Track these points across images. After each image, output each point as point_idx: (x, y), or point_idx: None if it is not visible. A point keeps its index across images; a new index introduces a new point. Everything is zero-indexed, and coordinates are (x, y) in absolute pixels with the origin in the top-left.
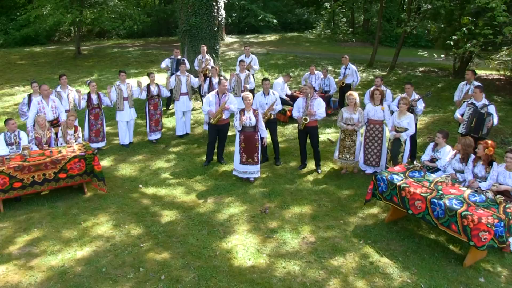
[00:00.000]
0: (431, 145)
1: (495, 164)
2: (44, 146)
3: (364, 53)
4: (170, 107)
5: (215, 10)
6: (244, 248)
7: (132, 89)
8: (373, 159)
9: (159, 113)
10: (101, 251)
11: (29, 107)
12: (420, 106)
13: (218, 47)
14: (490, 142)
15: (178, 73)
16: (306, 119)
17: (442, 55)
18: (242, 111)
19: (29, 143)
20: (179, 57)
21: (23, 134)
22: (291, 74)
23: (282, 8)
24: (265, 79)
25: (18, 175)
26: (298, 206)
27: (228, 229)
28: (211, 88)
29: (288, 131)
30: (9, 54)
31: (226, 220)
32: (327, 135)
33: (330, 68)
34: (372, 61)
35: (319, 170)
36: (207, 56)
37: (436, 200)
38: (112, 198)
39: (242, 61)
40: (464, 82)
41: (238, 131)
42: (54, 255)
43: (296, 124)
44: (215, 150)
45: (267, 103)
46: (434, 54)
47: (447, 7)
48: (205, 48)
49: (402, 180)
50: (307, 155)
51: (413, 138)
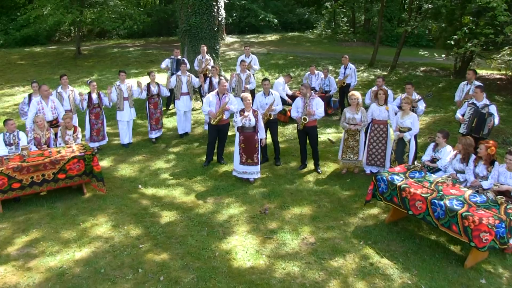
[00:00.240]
0: (432, 145)
1: (496, 163)
2: (43, 146)
3: (365, 53)
4: (170, 107)
5: (215, 10)
6: (243, 249)
7: (132, 89)
8: (377, 159)
9: (159, 112)
10: (100, 252)
11: (29, 106)
12: (421, 106)
13: (218, 47)
14: (491, 142)
15: (179, 73)
16: (305, 119)
17: (443, 55)
18: (242, 111)
19: (28, 143)
20: (179, 57)
21: (22, 135)
22: (291, 74)
23: (282, 8)
24: (265, 79)
25: (17, 176)
26: (298, 207)
27: (227, 230)
28: (211, 88)
29: (288, 131)
30: (9, 54)
31: (226, 220)
32: (328, 135)
33: (330, 68)
34: (373, 61)
35: (319, 170)
36: (207, 56)
37: (436, 201)
38: (111, 198)
39: (243, 61)
40: (464, 82)
41: (238, 131)
42: (52, 256)
43: (296, 124)
44: (215, 151)
45: (267, 104)
46: (435, 54)
47: (448, 7)
48: (205, 48)
49: (402, 180)
50: (307, 155)
51: (414, 138)
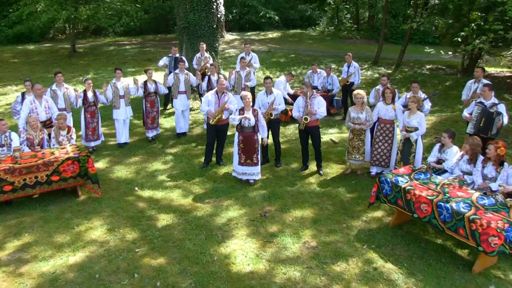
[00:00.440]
0: (438, 145)
1: (506, 164)
2: (36, 147)
3: (369, 50)
4: (168, 107)
5: (214, 7)
6: (243, 253)
7: (128, 87)
8: (382, 159)
9: (155, 110)
10: (94, 257)
11: (22, 105)
12: (427, 105)
13: (217, 44)
14: (501, 142)
15: (177, 71)
16: (306, 119)
17: (450, 52)
18: (242, 110)
19: (20, 144)
20: (177, 55)
21: (14, 135)
22: (293, 73)
23: (284, 4)
24: (267, 78)
25: (8, 178)
26: (299, 210)
27: (226, 233)
28: (209, 86)
29: (290, 131)
30: (1, 52)
31: (225, 224)
32: (330, 135)
33: (333, 66)
34: (377, 58)
35: (321, 172)
36: (206, 54)
37: (442, 203)
38: (106, 201)
39: (243, 58)
40: (472, 81)
41: (237, 131)
42: (45, 261)
43: (298, 124)
44: (214, 151)
45: (268, 103)
46: (442, 51)
47: (455, 2)
48: (204, 46)
49: (407, 182)
50: (309, 156)
51: (420, 138)
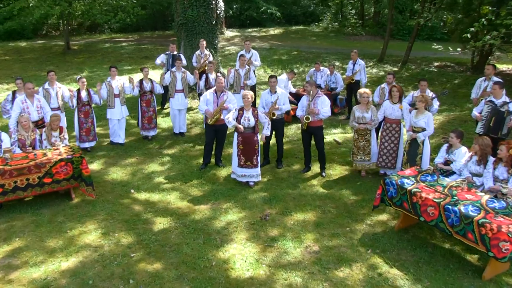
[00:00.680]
0: (445, 146)
1: None
2: (28, 148)
3: (374, 47)
4: (166, 106)
5: (214, 2)
6: (242, 258)
7: (123, 85)
8: (388, 160)
9: (152, 110)
10: (88, 262)
11: (12, 104)
12: (435, 105)
13: (216, 41)
14: None
15: (174, 69)
16: (308, 118)
17: (459, 49)
18: (241, 109)
19: (11, 145)
20: (175, 52)
21: (4, 136)
22: (295, 71)
23: (286, 0)
24: (271, 76)
25: None
26: (301, 213)
27: (225, 237)
28: (207, 85)
29: (292, 131)
30: None
31: (224, 227)
32: (334, 135)
33: (337, 63)
34: (383, 55)
35: (324, 174)
36: (206, 52)
37: (450, 206)
38: (101, 204)
39: (242, 55)
40: (482, 78)
41: (236, 131)
42: (36, 267)
43: (300, 124)
44: (213, 152)
45: (272, 102)
46: (450, 48)
47: None
48: (204, 43)
49: (413, 184)
50: (312, 157)
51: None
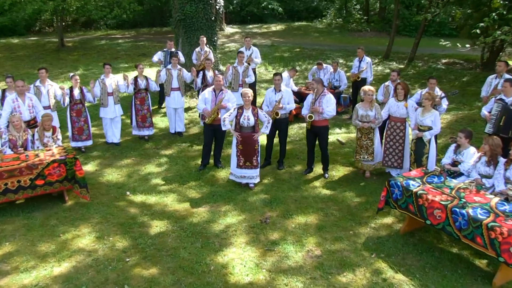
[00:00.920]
0: (453, 146)
1: None
2: (19, 149)
3: (379, 44)
4: (163, 106)
5: None
6: (241, 262)
7: (118, 83)
8: (394, 159)
9: (146, 108)
10: (81, 267)
11: (2, 104)
12: (444, 104)
13: (216, 38)
14: None
15: (169, 66)
16: (311, 117)
17: (468, 45)
18: (240, 108)
19: (2, 146)
20: (173, 49)
21: None
22: (297, 68)
23: None
24: (276, 74)
25: None
26: (302, 215)
27: (224, 241)
28: (204, 82)
29: (293, 131)
30: None
31: (222, 231)
32: (337, 135)
33: (341, 61)
34: (389, 52)
35: (327, 175)
36: (206, 49)
37: (458, 209)
38: (95, 207)
39: (240, 52)
40: (493, 76)
41: (236, 131)
42: (27, 273)
43: (302, 124)
44: (212, 153)
45: (276, 101)
46: (458, 44)
47: None
48: (204, 39)
49: (419, 186)
50: (315, 158)
51: (434, 138)
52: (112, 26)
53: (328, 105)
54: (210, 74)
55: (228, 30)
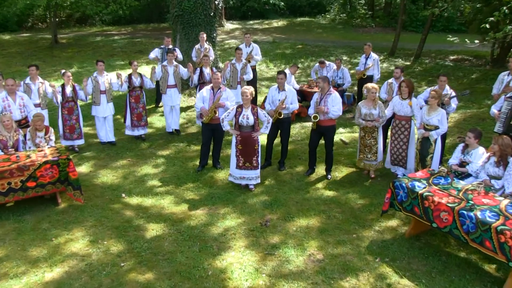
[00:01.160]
0: (461, 146)
1: None
2: (10, 150)
3: (385, 40)
4: (160, 104)
5: None
6: (240, 267)
7: (111, 82)
8: (399, 159)
9: (141, 106)
10: (74, 272)
11: None
12: (453, 104)
13: (215, 34)
14: None
15: (165, 62)
16: (315, 117)
17: (477, 41)
18: (240, 107)
19: None
20: (170, 46)
21: None
22: (299, 65)
23: None
24: (279, 72)
25: None
26: (304, 218)
27: (222, 245)
28: (201, 79)
29: (295, 131)
30: None
31: (221, 234)
32: (340, 135)
33: (345, 58)
34: (394, 49)
35: (329, 176)
36: (206, 45)
37: (465, 212)
38: (89, 209)
39: (238, 49)
40: (505, 73)
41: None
42: (17, 279)
43: (304, 123)
44: (210, 153)
45: (279, 100)
46: (467, 40)
47: None
48: (204, 36)
49: (424, 187)
50: (317, 159)
51: (441, 138)
52: (107, 22)
53: (334, 104)
54: (207, 71)
55: (228, 26)
